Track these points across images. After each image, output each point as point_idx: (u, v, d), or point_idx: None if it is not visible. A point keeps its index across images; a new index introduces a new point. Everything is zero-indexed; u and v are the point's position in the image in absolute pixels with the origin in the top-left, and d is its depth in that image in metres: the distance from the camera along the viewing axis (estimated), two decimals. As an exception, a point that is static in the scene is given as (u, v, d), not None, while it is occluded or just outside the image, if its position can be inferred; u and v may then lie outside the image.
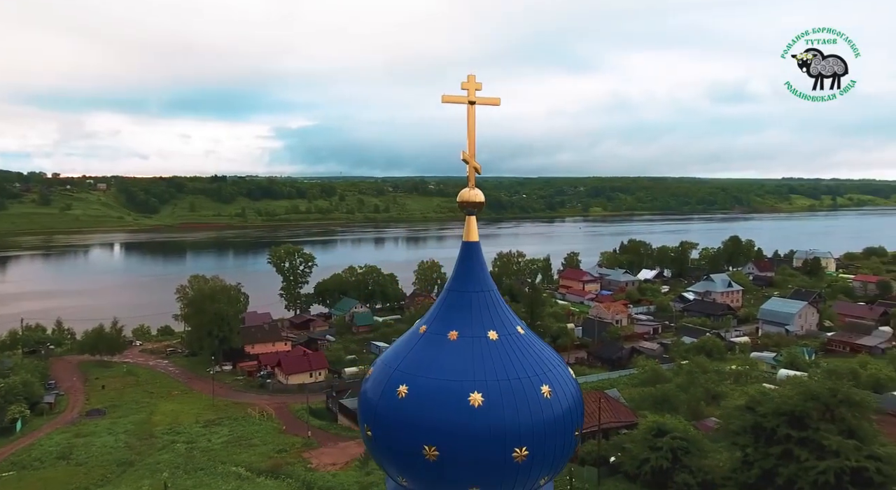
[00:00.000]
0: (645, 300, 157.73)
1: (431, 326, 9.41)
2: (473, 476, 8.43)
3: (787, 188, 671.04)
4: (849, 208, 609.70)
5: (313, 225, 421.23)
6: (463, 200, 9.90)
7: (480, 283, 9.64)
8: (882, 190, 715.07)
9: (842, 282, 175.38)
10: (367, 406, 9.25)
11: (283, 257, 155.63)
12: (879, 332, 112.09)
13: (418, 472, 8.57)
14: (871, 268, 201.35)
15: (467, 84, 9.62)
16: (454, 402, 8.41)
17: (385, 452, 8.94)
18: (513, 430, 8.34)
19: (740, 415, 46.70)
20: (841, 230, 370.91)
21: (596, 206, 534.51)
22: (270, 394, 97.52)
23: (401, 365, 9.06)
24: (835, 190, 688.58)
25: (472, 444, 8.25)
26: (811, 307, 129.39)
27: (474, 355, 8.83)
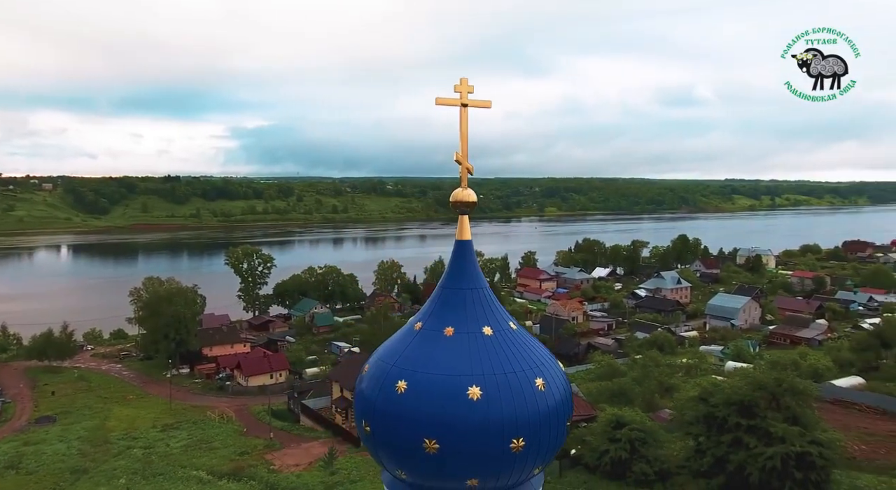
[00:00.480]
0: (599, 297, 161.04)
1: (427, 323, 9.55)
2: (473, 467, 8.61)
3: (729, 189, 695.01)
4: (786, 208, 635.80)
5: (270, 226, 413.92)
6: (456, 200, 10.09)
7: (474, 280, 9.84)
8: (816, 190, 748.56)
9: (781, 278, 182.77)
10: (365, 402, 9.32)
11: (241, 258, 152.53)
12: (816, 324, 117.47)
13: (418, 465, 8.70)
14: (807, 264, 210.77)
15: (460, 87, 9.82)
16: (453, 396, 8.57)
17: (384, 447, 9.04)
18: (510, 422, 8.56)
19: (693, 405, 48.32)
20: (779, 229, 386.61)
21: (551, 207, 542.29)
22: (230, 396, 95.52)
23: (398, 361, 9.17)
24: (773, 190, 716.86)
25: (472, 437, 8.43)
26: (754, 302, 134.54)
27: (471, 351, 9.01)
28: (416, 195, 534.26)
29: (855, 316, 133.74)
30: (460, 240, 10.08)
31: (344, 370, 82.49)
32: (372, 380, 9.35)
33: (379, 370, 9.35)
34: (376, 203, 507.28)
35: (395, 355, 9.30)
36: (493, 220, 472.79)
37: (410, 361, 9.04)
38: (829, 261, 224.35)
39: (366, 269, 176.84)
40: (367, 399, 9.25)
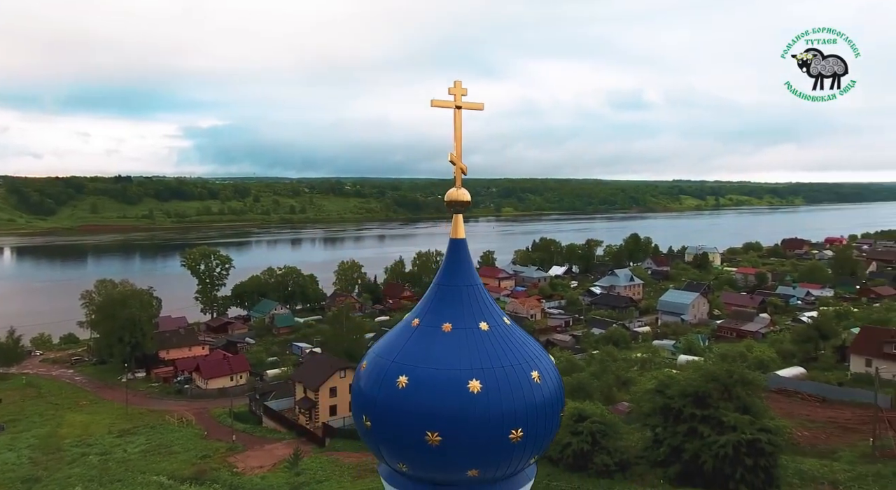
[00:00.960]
0: (556, 295, 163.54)
1: (424, 319, 9.67)
2: (474, 458, 8.78)
3: (677, 189, 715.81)
4: (729, 208, 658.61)
5: (227, 226, 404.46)
6: (451, 200, 10.24)
7: (469, 277, 10.01)
8: (756, 191, 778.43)
9: (726, 274, 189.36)
10: (364, 398, 9.37)
11: (199, 259, 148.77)
12: (760, 318, 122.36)
13: (420, 458, 8.81)
14: (749, 261, 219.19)
15: (454, 89, 9.97)
16: (455, 390, 8.72)
17: (385, 441, 9.12)
18: (510, 414, 8.76)
19: (651, 398, 49.69)
20: (723, 228, 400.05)
21: (508, 207, 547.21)
22: (189, 399, 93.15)
23: (397, 357, 9.27)
24: (718, 191, 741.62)
25: (474, 429, 8.61)
26: (702, 298, 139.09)
27: (470, 345, 9.18)
28: (374, 196, 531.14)
29: (794, 310, 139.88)
30: (455, 238, 10.23)
31: (307, 371, 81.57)
32: (371, 376, 9.41)
33: (378, 366, 9.41)
34: (335, 203, 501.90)
35: (394, 351, 9.39)
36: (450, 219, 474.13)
37: (410, 357, 9.15)
38: (770, 258, 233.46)
39: (326, 269, 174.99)
40: (367, 395, 9.31)
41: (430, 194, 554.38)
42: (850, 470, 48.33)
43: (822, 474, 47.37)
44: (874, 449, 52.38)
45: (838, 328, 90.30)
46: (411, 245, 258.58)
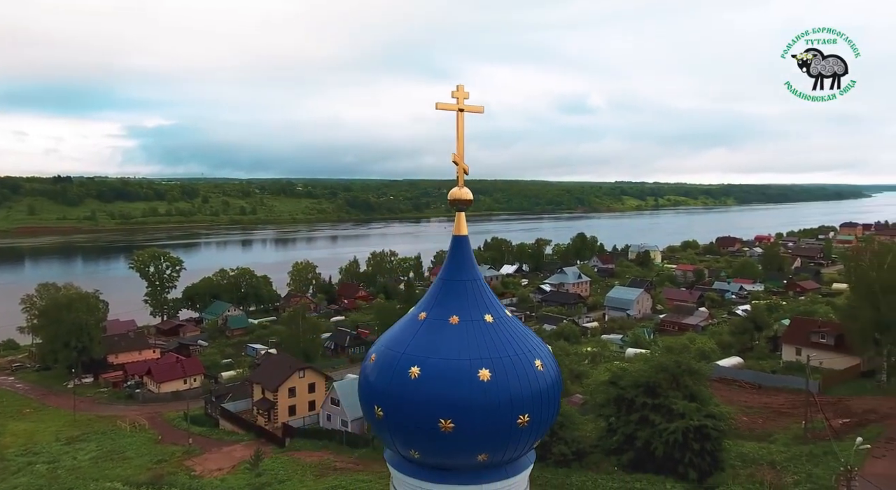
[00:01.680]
0: (508, 293, 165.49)
1: (431, 313, 9.91)
2: (484, 443, 9.10)
3: (619, 190, 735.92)
4: (667, 208, 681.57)
5: (175, 228, 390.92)
6: (454, 198, 10.53)
7: (471, 272, 10.30)
8: (692, 192, 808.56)
9: (667, 271, 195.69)
10: (375, 389, 9.55)
11: (148, 261, 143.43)
12: (699, 312, 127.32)
13: (433, 444, 9.07)
14: (687, 258, 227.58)
15: (457, 93, 10.26)
16: (466, 379, 9.01)
17: (398, 429, 9.34)
18: (517, 400, 9.11)
19: (605, 389, 51.23)
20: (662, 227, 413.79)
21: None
22: (140, 404, 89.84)
23: (408, 349, 9.48)
24: (657, 192, 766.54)
25: (484, 415, 8.92)
26: (646, 294, 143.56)
27: (477, 337, 9.48)
28: (326, 197, 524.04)
29: (729, 303, 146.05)
30: (458, 235, 10.53)
31: (264, 371, 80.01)
32: (382, 368, 9.59)
33: (388, 359, 9.61)
34: (286, 204, 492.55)
35: (404, 344, 9.60)
36: (404, 220, 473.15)
37: (421, 349, 9.39)
38: (706, 255, 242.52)
39: (279, 270, 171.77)
40: (378, 386, 9.49)
41: (383, 195, 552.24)
42: (786, 451, 51.16)
43: (761, 456, 49.95)
44: (806, 431, 55.51)
45: (770, 320, 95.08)
46: (364, 246, 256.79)
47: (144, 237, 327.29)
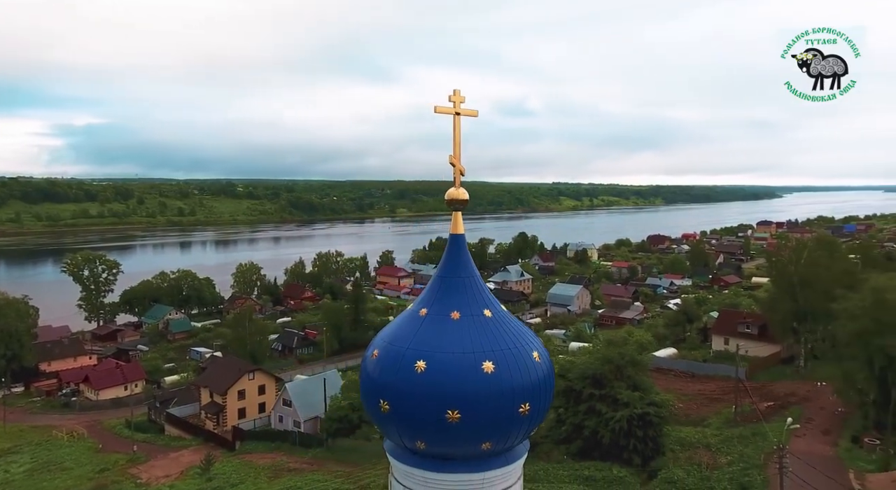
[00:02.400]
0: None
1: (432, 309, 10.09)
2: (489, 432, 9.35)
3: (556, 191, 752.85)
4: (602, 208, 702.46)
5: (108, 230, 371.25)
6: (450, 198, 10.75)
7: (469, 269, 10.53)
8: (624, 193, 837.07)
9: (603, 268, 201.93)
10: (380, 384, 9.66)
11: (82, 265, 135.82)
12: (634, 306, 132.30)
13: (440, 435, 9.25)
14: (622, 256, 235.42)
15: (454, 97, 10.48)
16: (471, 371, 9.23)
17: (405, 422, 9.49)
18: (519, 390, 9.41)
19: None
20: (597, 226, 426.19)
21: (402, 208, 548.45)
22: (77, 412, 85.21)
23: (412, 344, 9.63)
24: (592, 192, 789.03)
25: (489, 405, 9.18)
26: (585, 290, 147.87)
27: (479, 330, 9.71)
28: (268, 197, 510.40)
29: (661, 298, 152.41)
30: (455, 234, 10.75)
31: (212, 375, 77.45)
32: (386, 363, 9.70)
33: (392, 354, 9.72)
34: (226, 205, 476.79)
35: (408, 339, 9.74)
36: (348, 221, 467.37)
37: (425, 343, 9.55)
38: (638, 252, 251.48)
39: (222, 271, 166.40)
40: (383, 381, 9.59)
41: (326, 196, 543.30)
42: (719, 434, 54.02)
43: (698, 439, 52.54)
44: (735, 415, 58.83)
45: (700, 312, 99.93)
46: (309, 246, 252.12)
47: (75, 240, 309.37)
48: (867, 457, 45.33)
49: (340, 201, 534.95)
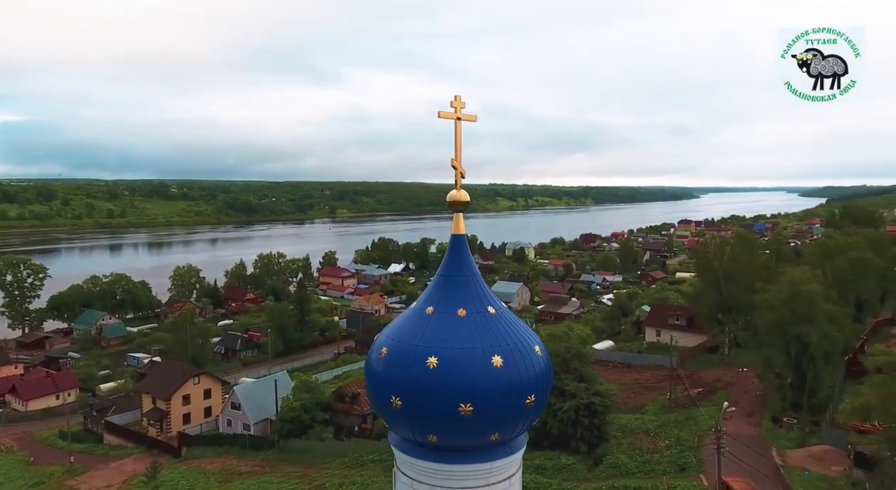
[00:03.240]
0: (398, 291, 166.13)
1: (438, 307, 10.20)
2: (499, 423, 9.56)
3: (493, 192, 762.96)
4: (536, 208, 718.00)
5: (30, 232, 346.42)
6: (452, 200, 10.86)
7: (470, 268, 10.70)
8: (556, 193, 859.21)
9: (540, 266, 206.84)
10: (391, 380, 9.70)
11: (4, 270, 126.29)
12: (572, 302, 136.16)
13: (453, 428, 9.39)
14: (556, 254, 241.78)
15: (455, 103, 10.62)
16: (481, 365, 9.40)
17: (417, 416, 9.56)
18: (525, 382, 9.66)
19: (504, 375, 53.40)
20: (533, 225, 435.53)
21: (342, 209, 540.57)
22: (4, 425, 79.22)
23: (422, 341, 9.70)
24: (526, 193, 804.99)
25: (499, 398, 9.37)
26: (524, 287, 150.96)
27: (485, 327, 9.89)
28: (204, 198, 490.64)
29: (595, 293, 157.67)
30: (456, 234, 10.88)
31: (155, 380, 73.92)
32: (397, 360, 9.74)
33: (403, 351, 9.78)
34: (160, 207, 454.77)
35: (417, 337, 9.83)
36: (287, 222, 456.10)
37: (435, 340, 9.66)
38: (572, 250, 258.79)
39: (157, 275, 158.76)
40: (395, 377, 9.61)
41: (265, 197, 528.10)
42: (656, 419, 56.59)
43: (637, 426, 54.85)
44: (670, 401, 61.77)
45: (633, 306, 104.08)
46: (248, 248, 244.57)
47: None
48: (786, 435, 48.73)
49: (279, 202, 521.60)
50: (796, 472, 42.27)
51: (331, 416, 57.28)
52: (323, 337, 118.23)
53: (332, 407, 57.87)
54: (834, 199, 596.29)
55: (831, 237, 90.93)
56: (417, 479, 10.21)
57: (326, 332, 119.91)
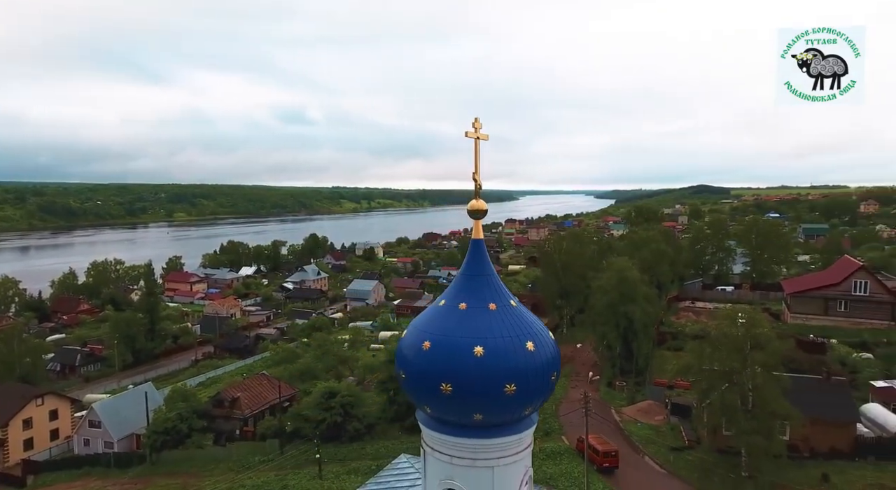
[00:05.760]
0: (252, 293, 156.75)
1: (448, 301, 11.11)
2: (477, 405, 10.33)
3: (337, 194, 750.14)
4: (379, 210, 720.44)
5: None
6: (472, 209, 11.64)
7: (484, 268, 11.50)
8: (397, 196, 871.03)
9: (390, 264, 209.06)
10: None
11: None
12: (425, 296, 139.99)
13: (438, 403, 10.37)
14: (403, 252, 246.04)
15: (475, 124, 11.45)
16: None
17: (415, 389, 10.80)
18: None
19: (386, 367, 53.98)
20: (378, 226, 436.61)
21: (180, 212, 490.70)
22: None
23: (426, 328, 10.86)
24: (369, 196, 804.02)
25: (476, 382, 10.15)
26: (380, 284, 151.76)
27: (478, 320, 10.61)
28: (10, 202, 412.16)
29: (444, 287, 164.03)
30: (476, 239, 11.71)
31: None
32: (408, 341, 11.05)
33: (413, 335, 11.06)
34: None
35: (425, 324, 11.11)
36: (117, 226, 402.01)
37: (435, 328, 10.78)
38: (416, 248, 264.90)
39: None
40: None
41: (88, 200, 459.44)
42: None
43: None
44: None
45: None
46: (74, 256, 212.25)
47: None
48: (620, 396, 56.13)
49: (107, 205, 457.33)
50: (631, 424, 49.09)
51: (209, 422, 52.86)
52: (177, 344, 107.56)
53: (210, 413, 53.41)
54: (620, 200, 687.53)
55: (636, 232, 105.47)
56: (458, 455, 10.91)
57: (180, 340, 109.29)
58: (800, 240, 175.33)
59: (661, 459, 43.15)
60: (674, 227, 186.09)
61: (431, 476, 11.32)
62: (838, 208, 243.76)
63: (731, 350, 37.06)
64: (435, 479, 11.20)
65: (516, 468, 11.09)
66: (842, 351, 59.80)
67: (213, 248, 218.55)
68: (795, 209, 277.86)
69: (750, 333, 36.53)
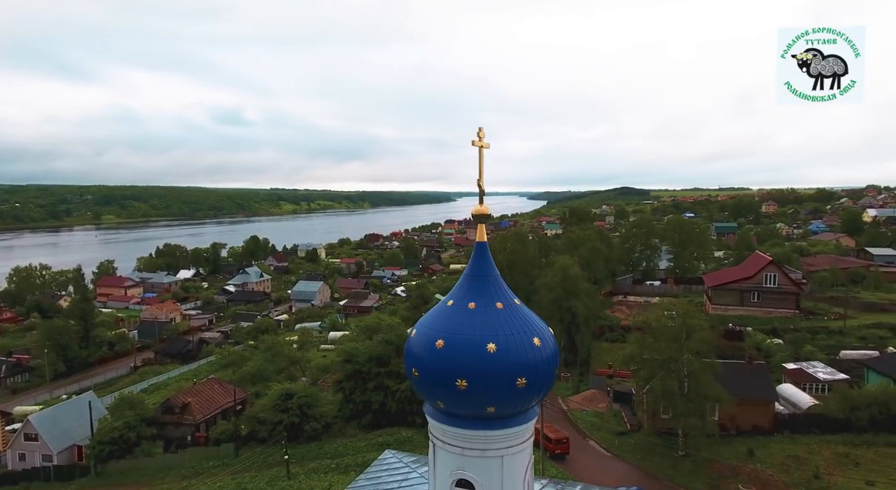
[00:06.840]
0: (191, 297, 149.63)
1: (456, 301, 11.32)
2: (491, 398, 10.60)
3: (276, 196, 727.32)
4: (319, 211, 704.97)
5: None
6: (476, 213, 11.97)
7: (489, 269, 11.81)
8: (336, 197, 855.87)
9: (333, 265, 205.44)
10: (414, 356, 11.11)
11: None
12: (371, 296, 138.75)
13: (453, 398, 10.64)
14: (346, 253, 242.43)
15: (480, 133, 11.79)
16: (477, 350, 10.49)
17: (428, 385, 10.96)
18: (516, 367, 10.63)
19: (342, 367, 53.26)
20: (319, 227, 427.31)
21: (109, 214, 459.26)
22: None
23: (436, 327, 11.06)
24: (308, 197, 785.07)
25: (490, 377, 10.45)
26: (325, 285, 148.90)
27: (488, 318, 10.89)
28: None
29: (388, 286, 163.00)
30: (480, 241, 12.04)
31: None
32: (418, 340, 11.26)
33: (424, 334, 11.22)
34: None
35: (435, 323, 11.28)
36: (38, 230, 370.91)
37: (446, 327, 11.01)
38: (359, 249, 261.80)
39: None
40: (416, 353, 11.10)
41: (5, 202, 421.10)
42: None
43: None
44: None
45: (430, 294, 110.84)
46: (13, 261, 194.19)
47: None
48: (566, 386, 58.22)
49: (26, 208, 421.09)
50: (578, 413, 51.06)
51: (159, 429, 50.16)
52: (113, 351, 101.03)
53: (159, 420, 50.68)
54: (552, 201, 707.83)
55: (573, 231, 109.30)
56: (469, 446, 11.21)
57: (117, 346, 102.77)
58: (713, 237, 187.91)
59: (607, 443, 45.22)
60: (603, 226, 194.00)
61: (442, 468, 11.56)
62: (744, 208, 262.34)
63: (669, 339, 39.46)
64: (446, 471, 11.46)
65: (522, 456, 11.55)
66: (757, 337, 64.81)
67: (147, 251, 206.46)
68: (707, 209, 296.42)
69: (686, 324, 39.03)
